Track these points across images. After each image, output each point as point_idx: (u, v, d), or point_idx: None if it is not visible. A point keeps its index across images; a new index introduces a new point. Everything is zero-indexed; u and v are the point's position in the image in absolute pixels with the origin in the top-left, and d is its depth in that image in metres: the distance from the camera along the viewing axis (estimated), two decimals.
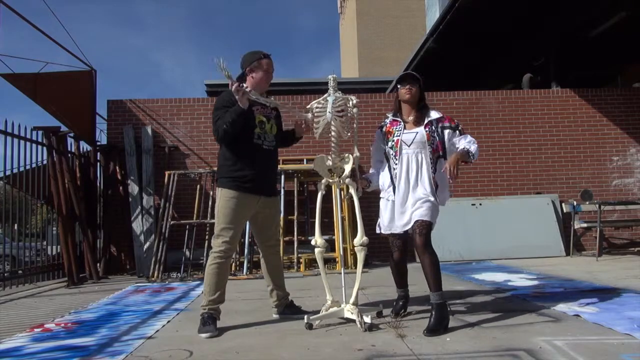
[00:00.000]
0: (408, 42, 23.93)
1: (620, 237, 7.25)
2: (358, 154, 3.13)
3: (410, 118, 3.11)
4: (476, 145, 2.98)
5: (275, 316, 3.32)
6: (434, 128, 3.03)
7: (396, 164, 3.04)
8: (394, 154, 3.06)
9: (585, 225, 6.75)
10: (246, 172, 3.04)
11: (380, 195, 3.17)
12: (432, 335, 2.64)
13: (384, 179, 3.15)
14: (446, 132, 3.05)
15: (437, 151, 3.02)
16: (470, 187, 7.10)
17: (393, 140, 3.07)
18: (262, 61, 3.13)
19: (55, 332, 3.12)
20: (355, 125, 3.14)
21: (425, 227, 2.88)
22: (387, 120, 3.21)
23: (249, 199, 3.07)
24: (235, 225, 3.05)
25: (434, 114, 3.08)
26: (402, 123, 3.09)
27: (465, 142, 2.99)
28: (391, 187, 3.06)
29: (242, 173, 3.04)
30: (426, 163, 2.99)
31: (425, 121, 3.05)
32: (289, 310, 3.33)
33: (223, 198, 3.06)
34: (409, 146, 3.02)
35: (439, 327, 2.70)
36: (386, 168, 3.13)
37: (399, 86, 3.14)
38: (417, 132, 3.03)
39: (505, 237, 6.63)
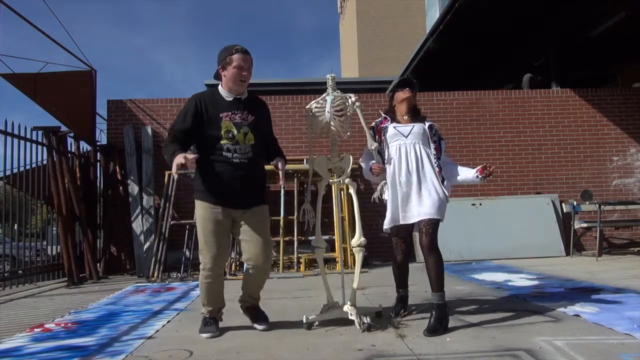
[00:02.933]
0: (408, 42, 23.91)
1: (620, 237, 7.25)
2: (375, 144, 3.08)
3: (405, 118, 3.13)
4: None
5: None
6: (434, 132, 3.09)
7: (387, 158, 3.04)
8: (386, 148, 3.07)
9: (585, 225, 6.74)
10: (216, 188, 2.77)
11: (384, 197, 3.12)
12: (432, 335, 2.64)
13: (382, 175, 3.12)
14: (442, 142, 3.13)
15: (439, 152, 3.05)
16: (470, 187, 7.09)
17: (384, 136, 3.09)
18: (232, 57, 2.77)
19: (55, 332, 3.12)
20: (362, 121, 3.09)
21: (432, 226, 2.86)
22: (378, 120, 3.24)
23: (223, 209, 2.79)
24: (215, 237, 2.78)
25: (429, 121, 3.15)
26: (390, 121, 3.12)
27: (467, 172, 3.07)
28: (386, 183, 3.04)
29: (211, 188, 2.79)
30: (426, 155, 2.99)
31: (426, 123, 3.09)
32: (249, 314, 3.06)
33: (198, 210, 2.84)
34: (406, 137, 3.02)
35: (439, 327, 2.70)
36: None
37: (398, 90, 3.15)
38: (414, 126, 3.05)
39: (505, 237, 6.63)
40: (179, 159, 2.52)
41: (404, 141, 3.02)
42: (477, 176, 2.95)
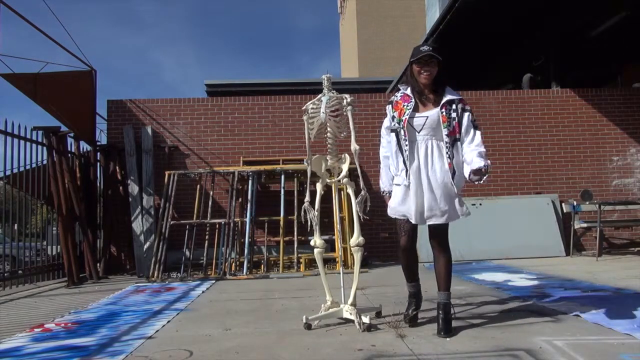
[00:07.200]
0: (408, 42, 23.93)
1: (620, 237, 7.25)
2: (357, 147, 3.00)
3: (423, 98, 2.83)
4: (484, 152, 2.72)
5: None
6: (454, 108, 2.77)
7: (406, 147, 2.77)
8: (403, 134, 2.79)
9: (585, 225, 6.74)
10: None
11: (395, 182, 2.88)
12: (447, 336, 2.61)
13: (396, 160, 2.84)
14: (466, 115, 2.80)
15: (454, 133, 2.75)
16: (471, 187, 7.09)
17: (402, 120, 2.79)
18: None
19: (55, 332, 3.12)
20: (351, 122, 3.05)
21: (440, 228, 2.82)
22: (399, 94, 2.90)
23: None
24: None
25: (452, 95, 2.81)
26: (413, 101, 2.81)
27: (476, 156, 2.67)
28: (404, 171, 2.78)
29: None
30: (438, 150, 2.76)
31: (442, 102, 2.77)
32: None
33: None
34: (418, 132, 2.78)
35: (449, 326, 2.69)
36: (396, 148, 2.83)
37: (414, 64, 2.80)
38: (428, 117, 2.76)
39: (505, 237, 6.63)
40: None
41: (415, 136, 2.79)
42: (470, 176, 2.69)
